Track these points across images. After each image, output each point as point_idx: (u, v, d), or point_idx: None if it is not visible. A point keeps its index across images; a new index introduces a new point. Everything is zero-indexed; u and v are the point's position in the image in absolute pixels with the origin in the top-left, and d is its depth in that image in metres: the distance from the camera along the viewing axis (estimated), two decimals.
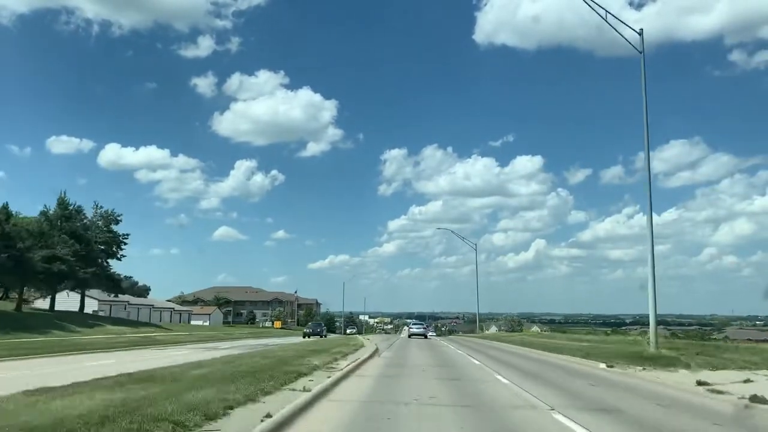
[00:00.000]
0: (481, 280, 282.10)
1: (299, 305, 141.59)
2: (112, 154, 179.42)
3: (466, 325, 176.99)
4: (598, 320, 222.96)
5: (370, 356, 21.98)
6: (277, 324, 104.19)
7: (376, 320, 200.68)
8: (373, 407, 9.86)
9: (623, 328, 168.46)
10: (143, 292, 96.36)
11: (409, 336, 53.12)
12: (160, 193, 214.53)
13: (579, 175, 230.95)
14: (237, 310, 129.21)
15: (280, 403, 9.22)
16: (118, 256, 62.27)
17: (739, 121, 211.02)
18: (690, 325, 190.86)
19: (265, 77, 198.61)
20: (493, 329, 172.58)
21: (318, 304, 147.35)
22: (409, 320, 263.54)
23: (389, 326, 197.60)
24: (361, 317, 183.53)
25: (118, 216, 62.33)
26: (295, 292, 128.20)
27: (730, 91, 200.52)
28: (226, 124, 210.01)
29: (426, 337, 52.64)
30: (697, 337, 75.99)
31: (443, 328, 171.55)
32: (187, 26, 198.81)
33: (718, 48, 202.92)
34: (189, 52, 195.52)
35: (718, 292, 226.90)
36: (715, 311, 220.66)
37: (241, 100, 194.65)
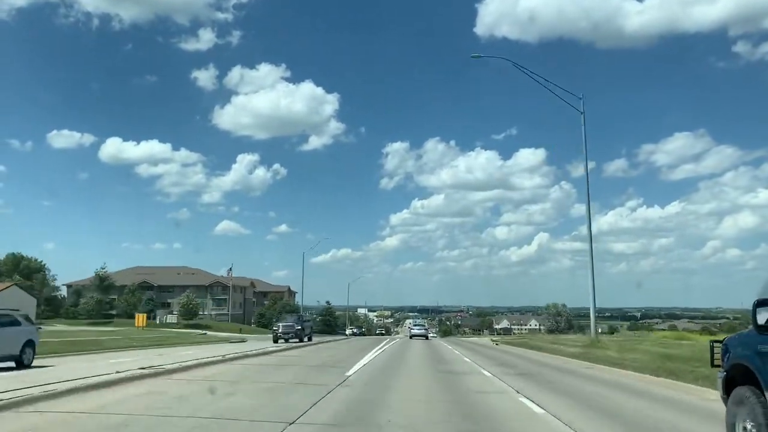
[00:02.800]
0: (483, 274, 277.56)
1: (261, 294, 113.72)
2: (113, 148, 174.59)
3: (473, 319, 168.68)
4: (604, 313, 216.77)
5: None
6: (141, 319, 58.13)
7: (375, 314, 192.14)
8: None
9: (643, 321, 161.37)
10: (33, 272, 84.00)
11: (411, 337, 51.43)
12: (161, 188, 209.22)
13: (582, 168, 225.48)
14: (163, 299, 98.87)
15: None
16: None
17: (744, 113, 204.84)
18: (704, 318, 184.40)
19: (266, 70, 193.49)
20: (505, 324, 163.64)
21: (291, 293, 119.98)
22: (411, 313, 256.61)
23: (389, 320, 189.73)
24: (360, 311, 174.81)
25: None
26: (229, 270, 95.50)
27: (734, 83, 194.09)
28: (228, 117, 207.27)
29: (427, 338, 51.69)
30: None
31: (448, 323, 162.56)
32: (187, 19, 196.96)
33: (722, 39, 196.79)
34: (190, 46, 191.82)
35: (721, 285, 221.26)
36: (720, 304, 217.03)
37: (242, 93, 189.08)
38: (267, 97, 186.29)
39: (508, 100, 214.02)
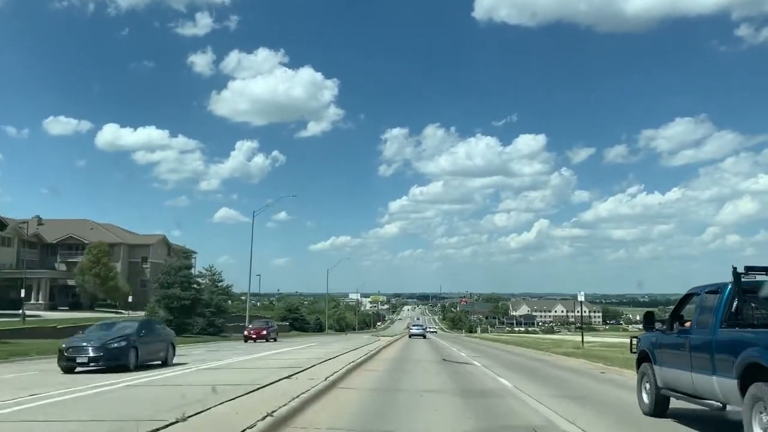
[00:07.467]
0: (481, 261, 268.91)
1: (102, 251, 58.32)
2: (110, 134, 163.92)
3: (481, 305, 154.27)
4: (610, 300, 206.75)
5: None
6: None
7: (369, 299, 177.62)
8: None
9: (662, 308, 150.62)
10: None
11: (410, 336, 51.61)
12: (158, 174, 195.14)
13: (582, 154, 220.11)
14: None
15: None
16: None
17: (746, 98, 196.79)
18: None
19: (264, 55, 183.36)
20: (524, 310, 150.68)
21: (170, 248, 68.44)
22: (410, 299, 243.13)
23: (384, 306, 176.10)
24: (352, 296, 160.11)
25: None
26: None
27: (737, 67, 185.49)
28: (225, 103, 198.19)
29: (425, 337, 51.46)
30: None
31: (453, 309, 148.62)
32: (184, 3, 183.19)
33: (724, 23, 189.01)
34: (187, 30, 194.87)
35: (720, 272, 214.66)
36: None
37: (240, 78, 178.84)
38: (265, 83, 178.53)
39: (508, 86, 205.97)
